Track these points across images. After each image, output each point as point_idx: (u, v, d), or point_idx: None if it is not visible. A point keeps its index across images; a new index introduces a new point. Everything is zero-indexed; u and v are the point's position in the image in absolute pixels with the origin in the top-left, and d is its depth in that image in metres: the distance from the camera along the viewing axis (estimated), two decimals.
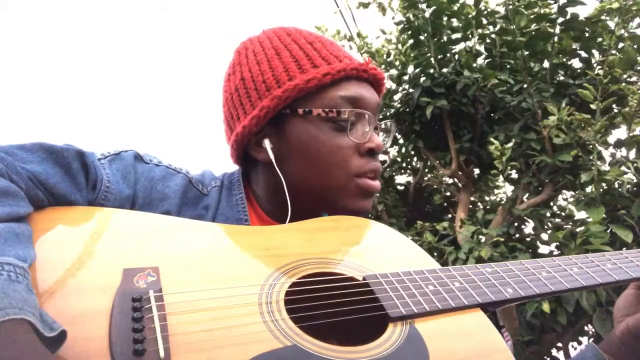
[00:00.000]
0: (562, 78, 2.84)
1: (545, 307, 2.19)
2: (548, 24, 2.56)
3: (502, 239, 2.58)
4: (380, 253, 0.72)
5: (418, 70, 3.22)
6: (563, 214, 3.16)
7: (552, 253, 2.89)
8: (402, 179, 4.32)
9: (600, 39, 2.61)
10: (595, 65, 2.68)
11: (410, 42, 3.25)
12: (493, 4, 3.04)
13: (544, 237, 3.00)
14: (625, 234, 2.07)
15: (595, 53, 2.71)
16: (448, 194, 4.25)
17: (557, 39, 2.60)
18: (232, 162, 0.90)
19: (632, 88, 2.16)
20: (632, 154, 2.31)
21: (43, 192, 0.65)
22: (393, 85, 3.47)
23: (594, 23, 2.53)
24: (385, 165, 3.91)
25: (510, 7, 2.55)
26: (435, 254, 2.85)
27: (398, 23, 3.30)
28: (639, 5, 2.25)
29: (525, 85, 2.72)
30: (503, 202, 3.45)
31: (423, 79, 3.16)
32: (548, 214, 2.95)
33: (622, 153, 2.39)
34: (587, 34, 2.62)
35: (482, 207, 4.11)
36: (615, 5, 2.25)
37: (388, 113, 3.43)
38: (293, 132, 0.79)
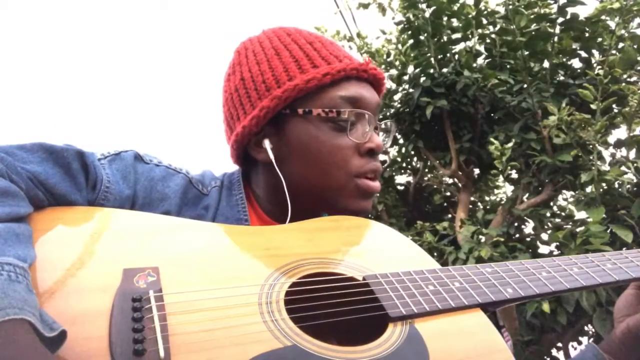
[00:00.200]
0: (562, 78, 2.83)
1: (545, 307, 2.19)
2: (548, 24, 2.56)
3: (502, 239, 2.58)
4: (380, 253, 0.72)
5: (418, 70, 3.22)
6: (563, 214, 3.16)
7: (552, 253, 2.89)
8: (402, 179, 4.32)
9: (601, 39, 2.61)
10: (596, 65, 2.68)
11: (410, 42, 3.25)
12: (493, 4, 3.04)
13: (544, 237, 3.00)
14: (625, 234, 2.07)
15: (596, 53, 2.71)
16: (448, 194, 4.25)
17: (557, 39, 2.60)
18: (232, 162, 0.90)
19: (632, 88, 2.15)
20: (632, 154, 2.31)
21: (43, 192, 0.65)
22: (393, 85, 3.47)
23: (594, 23, 2.53)
24: (385, 165, 3.91)
25: (510, 7, 2.55)
26: (435, 254, 2.85)
27: (398, 23, 3.30)
28: None
29: (525, 85, 2.72)
30: (503, 202, 3.44)
31: (423, 79, 3.16)
32: (548, 214, 2.95)
33: (622, 153, 2.39)
34: (587, 34, 2.62)
35: (482, 207, 4.11)
36: (616, 5, 2.24)
37: (388, 113, 3.43)
38: (293, 132, 0.79)
